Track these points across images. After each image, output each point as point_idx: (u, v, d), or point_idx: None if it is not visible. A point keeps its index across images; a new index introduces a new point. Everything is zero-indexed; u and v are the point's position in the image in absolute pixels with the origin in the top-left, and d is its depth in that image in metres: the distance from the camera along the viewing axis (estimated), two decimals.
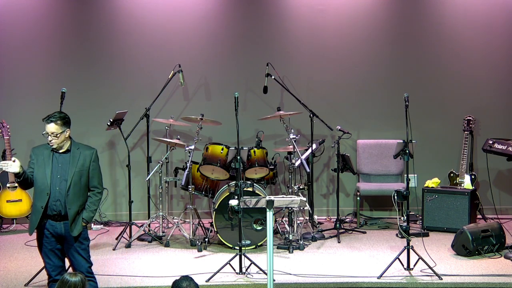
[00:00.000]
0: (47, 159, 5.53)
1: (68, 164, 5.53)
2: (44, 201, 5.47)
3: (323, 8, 8.77)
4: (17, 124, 8.51)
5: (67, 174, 5.51)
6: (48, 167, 5.50)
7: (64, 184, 5.49)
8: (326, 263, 7.03)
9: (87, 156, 5.60)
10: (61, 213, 5.49)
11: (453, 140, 8.80)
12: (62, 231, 5.52)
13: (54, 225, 5.51)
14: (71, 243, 5.56)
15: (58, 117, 5.51)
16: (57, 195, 5.48)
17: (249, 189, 7.40)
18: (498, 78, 8.89)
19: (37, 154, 5.56)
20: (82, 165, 5.56)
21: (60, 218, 5.50)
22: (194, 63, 8.69)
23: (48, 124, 5.50)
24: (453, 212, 8.10)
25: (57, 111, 5.63)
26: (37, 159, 5.53)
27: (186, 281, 4.55)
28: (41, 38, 8.64)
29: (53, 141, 5.49)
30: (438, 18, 8.83)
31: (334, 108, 8.82)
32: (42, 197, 5.49)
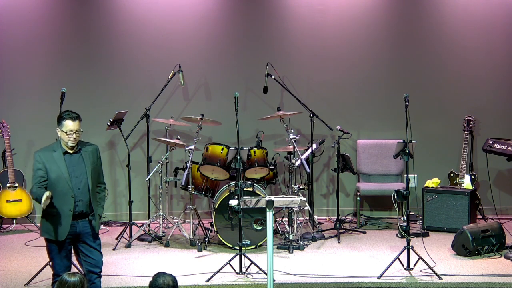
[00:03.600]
0: (59, 161, 5.47)
1: (82, 163, 5.53)
2: (71, 203, 5.43)
3: (323, 8, 8.77)
4: (17, 124, 8.51)
5: (84, 173, 5.51)
6: (64, 170, 5.45)
7: (84, 183, 5.49)
8: (326, 263, 7.03)
9: (93, 152, 5.63)
10: (83, 211, 5.50)
11: (453, 140, 8.80)
12: (81, 230, 5.52)
13: (73, 225, 5.48)
14: (88, 240, 5.55)
15: (78, 115, 5.55)
16: (80, 196, 5.48)
17: (249, 189, 7.40)
18: (498, 78, 8.89)
19: (46, 159, 5.45)
20: (93, 162, 5.59)
21: (80, 217, 5.50)
22: (194, 63, 8.69)
23: (74, 121, 5.49)
24: (453, 212, 8.10)
25: (70, 110, 5.59)
26: (49, 165, 5.43)
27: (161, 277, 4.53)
28: (41, 38, 8.64)
29: (76, 138, 5.51)
30: (438, 18, 8.83)
31: (334, 108, 8.82)
32: (67, 200, 5.43)
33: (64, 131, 5.47)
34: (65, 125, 5.47)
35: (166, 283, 4.45)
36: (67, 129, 5.46)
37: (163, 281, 4.48)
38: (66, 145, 5.50)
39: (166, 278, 4.49)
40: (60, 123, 5.49)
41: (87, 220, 5.54)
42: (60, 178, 5.43)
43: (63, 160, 5.47)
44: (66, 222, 5.44)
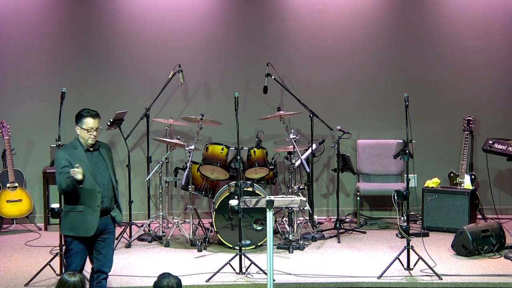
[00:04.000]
0: (83, 158, 5.51)
1: (102, 160, 5.60)
2: (99, 199, 5.49)
3: (323, 8, 8.77)
4: (17, 124, 8.51)
5: (106, 170, 5.58)
6: (89, 167, 5.50)
7: (107, 179, 5.57)
8: (326, 263, 7.03)
9: (108, 150, 5.72)
10: (107, 208, 5.56)
11: (453, 140, 8.80)
12: (103, 227, 5.57)
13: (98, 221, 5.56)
14: (106, 238, 5.61)
15: (98, 113, 5.61)
16: (105, 192, 5.54)
17: (249, 189, 7.40)
18: (498, 78, 8.89)
19: (70, 157, 5.46)
20: (110, 159, 5.67)
21: (104, 213, 5.55)
22: (194, 63, 8.69)
23: (94, 119, 5.55)
24: (453, 212, 8.10)
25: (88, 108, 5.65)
26: (74, 162, 5.43)
27: (165, 279, 4.54)
28: (41, 38, 8.64)
29: (96, 136, 5.56)
30: (438, 18, 8.83)
31: (334, 108, 8.82)
32: (94, 196, 5.49)
33: (84, 128, 5.51)
34: (86, 123, 5.51)
35: (170, 285, 4.46)
36: (88, 126, 5.52)
37: (167, 283, 4.49)
38: (85, 142, 5.54)
39: (171, 280, 4.50)
40: (80, 120, 5.53)
41: (109, 217, 5.61)
42: (86, 175, 5.46)
43: (85, 157, 5.53)
44: (94, 218, 5.49)
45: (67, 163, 5.42)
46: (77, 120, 5.55)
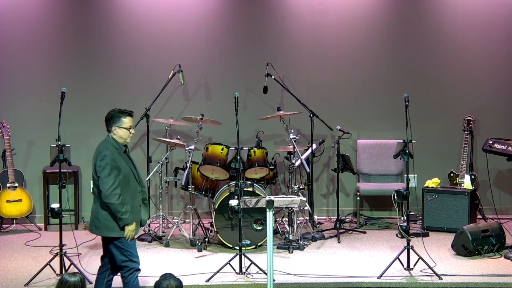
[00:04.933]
0: (125, 158, 5.58)
1: (133, 161, 5.69)
2: (139, 198, 5.60)
3: (323, 8, 8.78)
4: (17, 124, 8.51)
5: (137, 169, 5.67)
6: (131, 166, 5.58)
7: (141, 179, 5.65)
8: (326, 263, 7.03)
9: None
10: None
11: (453, 140, 8.80)
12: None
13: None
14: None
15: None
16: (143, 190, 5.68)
17: (249, 189, 7.40)
18: (498, 78, 8.89)
19: (116, 158, 5.48)
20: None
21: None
22: (194, 63, 8.69)
23: (132, 117, 5.67)
24: (453, 212, 8.10)
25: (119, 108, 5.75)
26: (119, 163, 5.48)
27: (166, 280, 4.54)
28: (41, 38, 8.64)
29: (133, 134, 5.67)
30: (438, 18, 8.83)
31: (334, 108, 8.82)
32: (136, 195, 5.58)
33: (124, 127, 5.59)
34: (125, 122, 5.60)
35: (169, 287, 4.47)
36: (128, 125, 5.61)
37: (167, 285, 4.50)
38: (123, 142, 5.61)
39: (171, 283, 4.50)
40: (118, 120, 5.59)
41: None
42: (130, 174, 5.53)
43: (126, 157, 5.59)
44: (138, 217, 5.59)
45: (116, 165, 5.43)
46: (114, 120, 5.59)
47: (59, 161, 6.59)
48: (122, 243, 5.55)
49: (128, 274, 5.60)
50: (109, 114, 5.65)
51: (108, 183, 5.39)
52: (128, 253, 5.57)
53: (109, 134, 5.62)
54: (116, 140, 5.58)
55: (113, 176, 5.41)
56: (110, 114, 5.64)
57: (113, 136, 5.59)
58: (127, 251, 5.57)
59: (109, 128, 5.61)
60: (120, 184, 5.45)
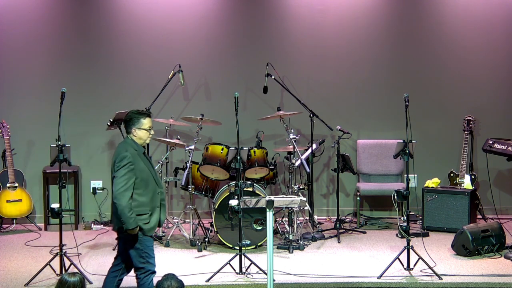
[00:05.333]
0: (144, 160, 5.57)
1: (151, 163, 5.69)
2: (158, 200, 5.59)
3: (323, 8, 8.78)
4: (17, 124, 8.51)
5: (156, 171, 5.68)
6: (150, 168, 5.58)
7: (159, 180, 5.66)
8: (326, 263, 7.03)
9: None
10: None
11: (453, 140, 8.80)
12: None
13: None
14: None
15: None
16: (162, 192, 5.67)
17: (249, 189, 7.40)
18: (498, 78, 8.89)
19: (134, 158, 5.47)
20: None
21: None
22: (194, 63, 8.69)
23: (151, 118, 5.65)
24: (453, 212, 8.10)
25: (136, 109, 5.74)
26: (137, 164, 5.48)
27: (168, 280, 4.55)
28: (41, 38, 8.64)
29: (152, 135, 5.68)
30: (438, 18, 8.84)
31: (334, 108, 8.82)
32: (155, 197, 5.57)
33: (144, 128, 5.57)
34: (145, 123, 5.58)
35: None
36: (148, 126, 5.59)
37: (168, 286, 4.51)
38: (143, 143, 5.61)
39: (173, 284, 4.51)
40: (138, 122, 5.57)
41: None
42: (149, 176, 5.53)
43: (145, 158, 5.59)
44: (156, 217, 5.59)
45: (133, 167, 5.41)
46: (133, 122, 5.57)
47: (59, 161, 6.59)
48: (141, 244, 5.54)
49: (144, 276, 5.59)
50: (128, 116, 5.63)
51: (120, 184, 5.39)
52: (146, 254, 5.57)
53: (128, 135, 5.61)
54: (135, 141, 5.58)
55: (127, 178, 5.40)
56: (129, 115, 5.62)
57: (132, 138, 5.59)
58: (145, 252, 5.57)
59: (129, 130, 5.60)
60: (138, 186, 5.46)
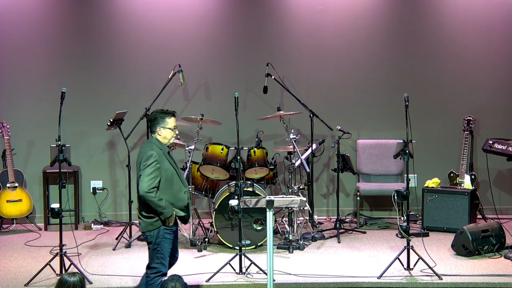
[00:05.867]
0: (169, 159, 5.62)
1: (175, 162, 5.73)
2: (185, 199, 5.67)
3: (323, 8, 8.78)
4: (17, 124, 8.51)
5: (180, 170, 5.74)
6: (176, 167, 5.64)
7: (184, 179, 5.70)
8: (326, 263, 7.03)
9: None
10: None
11: (453, 140, 8.80)
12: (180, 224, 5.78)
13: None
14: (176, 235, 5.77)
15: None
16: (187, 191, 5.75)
17: (249, 189, 7.40)
18: (498, 78, 8.89)
19: (160, 158, 5.53)
20: None
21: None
22: (194, 63, 8.69)
23: (175, 117, 5.71)
24: (453, 212, 8.10)
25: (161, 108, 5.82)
26: (162, 163, 5.54)
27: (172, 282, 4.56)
28: (41, 38, 8.64)
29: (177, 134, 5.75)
30: (438, 18, 8.84)
31: (334, 108, 8.82)
32: (181, 196, 5.64)
33: (169, 128, 5.65)
34: (170, 122, 5.65)
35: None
36: (172, 125, 5.66)
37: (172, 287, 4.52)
38: (168, 142, 5.67)
39: (177, 285, 4.52)
40: (163, 121, 5.64)
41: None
42: (174, 176, 5.59)
43: (170, 157, 5.64)
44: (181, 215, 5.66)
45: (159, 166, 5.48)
46: (158, 121, 5.63)
47: (59, 161, 6.59)
48: (160, 245, 5.58)
49: (154, 276, 5.63)
50: (153, 115, 5.68)
51: (147, 182, 5.46)
52: (161, 256, 5.61)
53: (153, 135, 5.67)
54: (160, 141, 5.63)
55: (154, 176, 5.48)
56: (154, 115, 5.68)
57: (157, 137, 5.64)
58: (162, 254, 5.61)
59: (153, 129, 5.66)
60: (162, 185, 5.51)
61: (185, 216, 5.70)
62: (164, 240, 5.59)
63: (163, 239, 5.58)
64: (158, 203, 5.47)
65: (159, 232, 5.57)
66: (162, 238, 5.58)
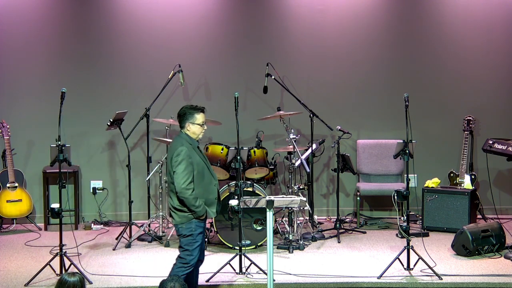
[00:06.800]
0: (199, 154, 5.70)
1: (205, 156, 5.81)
2: (215, 192, 5.76)
3: (323, 8, 8.78)
4: (17, 124, 8.51)
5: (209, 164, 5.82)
6: (206, 161, 5.73)
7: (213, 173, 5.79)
8: (326, 263, 7.03)
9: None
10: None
11: (453, 140, 8.80)
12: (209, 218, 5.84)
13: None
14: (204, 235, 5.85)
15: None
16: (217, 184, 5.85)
17: (249, 189, 7.40)
18: (498, 78, 8.89)
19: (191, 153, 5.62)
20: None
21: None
22: (194, 63, 8.69)
23: (204, 113, 5.80)
24: (453, 212, 8.10)
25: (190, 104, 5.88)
26: (194, 158, 5.62)
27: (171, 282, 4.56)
28: (41, 38, 8.64)
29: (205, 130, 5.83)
30: (438, 18, 8.84)
31: (334, 108, 8.82)
32: (212, 189, 5.73)
33: (198, 123, 5.75)
34: (199, 118, 5.75)
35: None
36: (201, 121, 5.77)
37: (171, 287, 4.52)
38: (197, 137, 5.76)
39: (176, 286, 4.52)
40: (192, 117, 5.74)
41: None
42: (204, 169, 5.68)
43: (200, 152, 5.73)
44: (213, 211, 5.73)
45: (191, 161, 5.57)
46: (187, 117, 5.72)
47: (59, 161, 6.59)
48: (191, 235, 5.67)
49: (181, 265, 5.71)
50: (182, 111, 5.77)
51: (183, 178, 5.55)
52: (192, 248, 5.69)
53: (182, 130, 5.76)
54: (189, 136, 5.72)
55: (188, 171, 5.57)
56: (183, 110, 5.77)
57: (186, 132, 5.73)
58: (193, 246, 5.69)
59: (183, 125, 5.75)
60: (194, 179, 5.60)
61: (216, 209, 5.81)
62: (197, 232, 5.68)
63: (196, 232, 5.67)
64: (193, 201, 5.57)
65: (191, 224, 5.66)
66: (195, 231, 5.66)
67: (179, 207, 5.66)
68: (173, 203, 5.69)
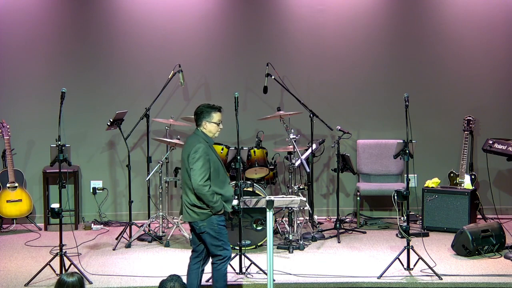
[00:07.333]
0: (215, 152, 5.74)
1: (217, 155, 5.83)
2: (231, 190, 5.81)
3: (323, 8, 8.78)
4: (17, 124, 8.51)
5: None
6: (220, 159, 5.76)
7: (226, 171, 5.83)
8: (326, 263, 7.03)
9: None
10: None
11: (453, 140, 8.80)
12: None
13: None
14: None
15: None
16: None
17: (249, 189, 7.40)
18: (498, 78, 8.89)
19: (207, 149, 5.65)
20: None
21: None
22: (194, 63, 8.69)
23: (221, 112, 5.79)
24: (453, 212, 8.10)
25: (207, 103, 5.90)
26: (211, 156, 5.66)
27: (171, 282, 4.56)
28: (41, 38, 8.64)
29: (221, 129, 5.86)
30: (438, 18, 8.84)
31: (334, 108, 8.82)
32: (227, 187, 5.77)
33: (214, 122, 5.76)
34: (216, 117, 5.76)
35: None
36: (217, 120, 5.77)
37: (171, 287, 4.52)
38: (213, 136, 5.78)
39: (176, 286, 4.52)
40: (209, 115, 5.75)
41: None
42: (220, 167, 5.72)
43: (215, 150, 5.77)
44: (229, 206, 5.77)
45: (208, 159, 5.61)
46: (204, 115, 5.75)
47: (59, 161, 6.59)
48: (216, 231, 5.69)
49: (220, 262, 5.75)
50: (199, 109, 5.79)
51: (200, 175, 5.57)
52: (222, 242, 5.72)
53: (199, 128, 5.79)
54: (206, 134, 5.75)
55: (206, 168, 5.59)
56: (200, 109, 5.79)
57: (202, 130, 5.76)
58: (221, 240, 5.72)
59: (199, 123, 5.77)
60: (211, 176, 5.63)
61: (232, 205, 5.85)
62: (220, 227, 5.70)
63: (218, 226, 5.69)
64: (210, 197, 5.59)
65: (212, 220, 5.67)
66: (217, 226, 5.68)
67: (199, 204, 5.65)
68: (190, 200, 5.69)
